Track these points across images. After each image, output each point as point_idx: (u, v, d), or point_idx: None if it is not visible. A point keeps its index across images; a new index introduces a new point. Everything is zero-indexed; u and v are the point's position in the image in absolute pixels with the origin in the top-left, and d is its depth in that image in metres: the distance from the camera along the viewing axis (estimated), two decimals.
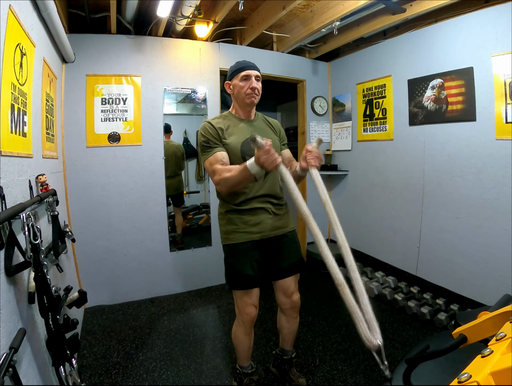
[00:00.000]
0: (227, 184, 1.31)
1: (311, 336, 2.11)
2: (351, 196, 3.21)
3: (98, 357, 1.91)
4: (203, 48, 2.77)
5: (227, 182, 1.30)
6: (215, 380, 1.73)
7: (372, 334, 0.86)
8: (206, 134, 1.40)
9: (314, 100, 3.33)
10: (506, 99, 1.89)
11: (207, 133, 1.40)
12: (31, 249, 1.07)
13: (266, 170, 1.22)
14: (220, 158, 1.37)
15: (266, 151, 1.14)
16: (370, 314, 0.90)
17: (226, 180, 1.29)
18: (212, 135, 1.40)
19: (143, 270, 2.66)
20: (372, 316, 0.89)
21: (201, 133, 1.42)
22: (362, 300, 0.91)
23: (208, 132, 1.40)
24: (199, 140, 1.45)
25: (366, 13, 2.38)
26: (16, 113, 1.19)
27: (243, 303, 1.45)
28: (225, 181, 1.30)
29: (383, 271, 2.78)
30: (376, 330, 0.87)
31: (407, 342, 2.01)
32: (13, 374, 0.86)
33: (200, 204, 3.86)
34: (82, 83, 2.40)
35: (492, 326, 0.62)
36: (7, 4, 1.13)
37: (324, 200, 1.14)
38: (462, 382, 0.44)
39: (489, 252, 2.03)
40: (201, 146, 1.42)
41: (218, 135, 1.41)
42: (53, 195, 1.54)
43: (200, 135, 1.43)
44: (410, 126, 2.54)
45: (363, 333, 0.86)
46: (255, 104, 1.46)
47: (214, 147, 1.39)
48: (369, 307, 0.91)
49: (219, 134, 1.41)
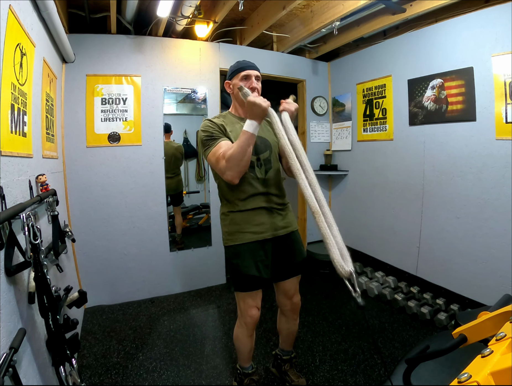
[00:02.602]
0: (234, 161, 1.23)
1: (311, 336, 2.11)
2: (351, 196, 3.21)
3: (98, 357, 1.91)
4: (203, 48, 2.77)
5: (233, 159, 1.23)
6: (215, 380, 1.73)
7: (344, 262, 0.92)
8: (208, 129, 1.37)
9: (314, 100, 3.33)
10: (506, 99, 1.89)
11: (209, 128, 1.37)
12: (31, 249, 1.07)
13: (260, 116, 1.23)
14: (224, 145, 1.31)
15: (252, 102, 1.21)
16: (340, 244, 0.97)
17: (231, 158, 1.23)
18: (215, 129, 1.37)
19: (143, 270, 2.66)
20: (343, 246, 0.97)
21: (202, 129, 1.38)
22: (332, 231, 0.99)
23: (209, 127, 1.37)
24: (200, 137, 1.40)
25: (366, 13, 2.38)
26: (16, 113, 1.19)
27: (246, 306, 1.42)
28: (231, 160, 1.23)
29: (383, 271, 2.78)
30: (347, 259, 0.93)
31: (407, 342, 2.01)
32: (13, 374, 0.86)
33: (200, 204, 3.86)
34: (82, 83, 2.40)
35: (492, 326, 0.62)
36: (7, 4, 1.13)
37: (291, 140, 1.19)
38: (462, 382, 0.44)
39: (489, 252, 2.03)
40: (203, 142, 1.37)
41: (220, 129, 1.38)
42: (53, 195, 1.54)
43: (201, 132, 1.38)
44: (410, 126, 2.54)
45: (336, 259, 0.92)
46: None
47: (217, 138, 1.34)
48: (339, 238, 0.99)
49: (221, 128, 1.38)
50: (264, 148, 1.44)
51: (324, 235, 0.98)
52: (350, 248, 1.01)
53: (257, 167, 1.40)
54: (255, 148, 1.39)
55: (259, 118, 1.24)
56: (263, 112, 1.23)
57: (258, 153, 1.41)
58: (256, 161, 1.40)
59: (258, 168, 1.40)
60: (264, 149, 1.43)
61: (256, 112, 1.22)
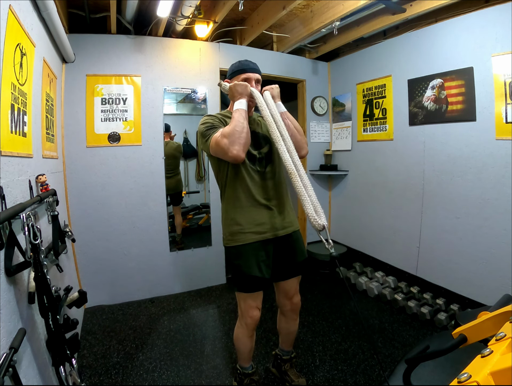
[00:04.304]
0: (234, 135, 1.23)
1: (311, 336, 2.11)
2: (351, 196, 3.21)
3: (98, 357, 1.91)
4: (203, 48, 2.77)
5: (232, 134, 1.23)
6: (215, 380, 1.73)
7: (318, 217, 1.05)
8: (207, 120, 1.37)
9: (314, 100, 3.33)
10: (506, 99, 1.89)
11: (209, 119, 1.38)
12: (31, 249, 1.07)
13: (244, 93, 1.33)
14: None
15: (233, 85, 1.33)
16: (315, 202, 1.10)
17: (230, 133, 1.24)
18: (215, 120, 1.38)
19: (143, 270, 2.66)
20: (317, 203, 1.10)
21: (201, 123, 1.38)
22: (308, 191, 1.11)
23: (209, 119, 1.38)
24: (199, 130, 1.37)
25: (366, 13, 2.38)
26: (16, 113, 1.19)
27: (247, 306, 1.42)
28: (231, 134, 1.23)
29: (383, 271, 2.78)
30: (321, 215, 1.07)
31: (407, 342, 2.01)
32: (13, 374, 0.86)
33: (200, 204, 3.86)
34: (82, 83, 2.40)
35: (492, 326, 0.61)
36: (7, 4, 1.13)
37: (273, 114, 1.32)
38: (462, 382, 0.44)
39: (489, 252, 2.03)
40: (203, 134, 1.35)
41: (220, 120, 1.39)
42: (53, 195, 1.54)
43: (201, 125, 1.37)
44: (410, 126, 2.54)
45: (310, 214, 1.06)
46: (252, 108, 1.45)
47: (217, 127, 1.34)
48: (314, 197, 1.11)
49: (221, 120, 1.39)
50: (264, 143, 1.46)
51: (300, 193, 1.09)
52: (350, 248, 1.02)
53: (258, 162, 1.41)
54: (255, 143, 1.40)
55: (244, 95, 1.34)
56: (246, 88, 1.33)
57: (258, 148, 1.42)
58: (258, 155, 1.41)
59: (258, 162, 1.41)
60: (264, 144, 1.45)
61: (239, 90, 1.33)
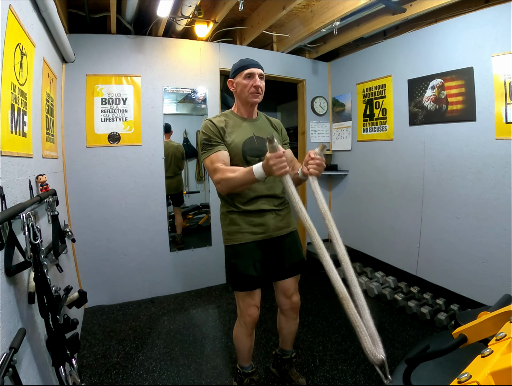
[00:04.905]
0: (229, 184, 1.29)
1: (311, 336, 2.11)
2: (351, 196, 3.21)
3: (98, 357, 1.91)
4: (203, 48, 2.77)
5: (228, 183, 1.28)
6: (215, 380, 1.73)
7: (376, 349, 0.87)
8: (208, 132, 1.39)
9: (314, 100, 3.33)
10: (506, 99, 1.89)
11: (209, 131, 1.39)
12: (31, 249, 1.07)
13: (272, 175, 1.16)
14: (221, 157, 1.35)
15: (278, 154, 1.11)
16: (372, 329, 0.90)
17: (228, 180, 1.28)
18: (214, 133, 1.39)
19: (143, 270, 2.66)
20: (374, 331, 0.89)
21: (202, 131, 1.40)
22: (364, 315, 0.91)
23: (209, 130, 1.39)
24: (200, 138, 1.43)
25: (366, 13, 2.38)
26: (16, 113, 1.19)
27: (245, 305, 1.43)
28: (227, 182, 1.28)
29: (383, 271, 2.78)
30: (379, 344, 0.88)
31: (407, 342, 2.01)
32: (13, 374, 0.86)
33: (200, 204, 3.86)
34: (82, 83, 2.40)
35: (492, 326, 0.62)
36: (7, 4, 1.13)
37: (323, 213, 1.10)
38: (462, 382, 0.44)
39: (489, 252, 2.03)
40: (202, 144, 1.40)
41: (219, 133, 1.39)
42: (53, 195, 1.54)
43: (201, 133, 1.41)
44: (410, 126, 2.54)
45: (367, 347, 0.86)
46: (258, 102, 1.46)
47: (216, 145, 1.37)
48: (371, 322, 0.90)
49: (220, 133, 1.40)
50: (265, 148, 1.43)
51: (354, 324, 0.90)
52: (350, 248, 1.01)
53: None
54: (255, 148, 1.41)
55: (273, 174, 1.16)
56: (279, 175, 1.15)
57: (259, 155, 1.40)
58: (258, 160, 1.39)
59: None
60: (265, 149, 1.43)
61: (273, 170, 1.13)
